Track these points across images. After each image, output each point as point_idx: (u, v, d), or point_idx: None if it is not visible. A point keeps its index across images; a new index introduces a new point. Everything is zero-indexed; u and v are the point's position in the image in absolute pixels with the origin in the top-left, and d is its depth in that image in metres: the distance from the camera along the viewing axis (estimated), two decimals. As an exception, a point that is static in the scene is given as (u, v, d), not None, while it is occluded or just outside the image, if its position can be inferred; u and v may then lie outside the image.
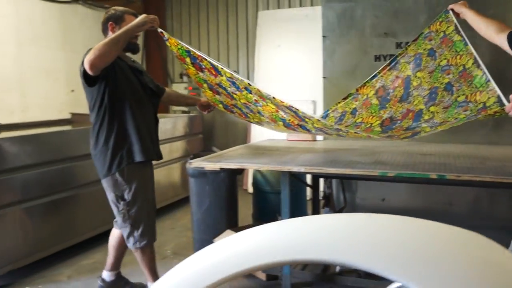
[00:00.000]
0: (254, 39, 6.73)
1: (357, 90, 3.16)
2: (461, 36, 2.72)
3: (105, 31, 2.98)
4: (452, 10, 2.78)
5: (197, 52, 2.74)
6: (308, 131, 2.97)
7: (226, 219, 3.97)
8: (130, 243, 3.07)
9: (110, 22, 2.93)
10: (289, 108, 2.58)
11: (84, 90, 2.92)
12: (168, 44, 2.86)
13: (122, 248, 3.26)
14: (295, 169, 2.65)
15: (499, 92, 2.33)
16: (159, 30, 2.79)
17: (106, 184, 3.01)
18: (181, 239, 4.58)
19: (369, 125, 2.99)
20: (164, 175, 5.42)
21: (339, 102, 3.20)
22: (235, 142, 6.42)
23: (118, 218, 3.06)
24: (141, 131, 2.95)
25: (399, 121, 2.88)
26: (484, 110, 2.38)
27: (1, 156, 3.45)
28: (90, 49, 2.69)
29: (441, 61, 2.82)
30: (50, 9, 5.64)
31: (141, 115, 2.98)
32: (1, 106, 4.82)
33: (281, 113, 2.77)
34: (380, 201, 3.98)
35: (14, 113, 5.05)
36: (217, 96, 3.13)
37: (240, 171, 3.84)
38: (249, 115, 3.18)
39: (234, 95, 2.92)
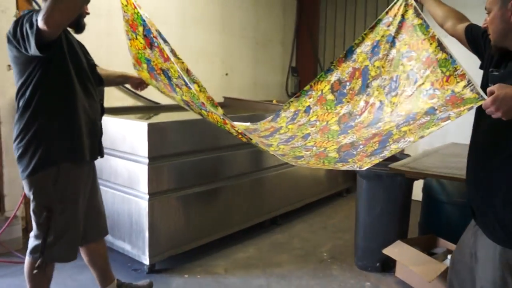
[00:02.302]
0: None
1: (311, 86, 2.86)
2: (422, 19, 2.39)
3: None
4: None
5: (153, 28, 2.25)
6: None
7: (397, 228, 3.53)
8: (35, 254, 2.44)
9: None
10: (242, 134, 2.19)
11: (14, 62, 2.30)
12: (124, 3, 2.34)
13: (103, 258, 2.90)
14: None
15: (469, 76, 1.95)
16: None
17: (27, 186, 2.39)
18: (336, 241, 4.23)
19: (325, 122, 2.65)
20: (310, 170, 5.04)
21: (292, 101, 2.90)
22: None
23: (35, 230, 2.45)
24: (86, 123, 2.43)
25: (358, 117, 2.54)
26: (453, 97, 2.00)
27: (165, 141, 3.36)
28: (30, 11, 2.15)
29: (401, 47, 2.50)
30: (213, -10, 5.58)
31: (87, 103, 2.44)
32: (164, 87, 4.84)
33: (229, 126, 2.36)
34: None
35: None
36: (154, 82, 2.64)
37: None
38: (191, 107, 2.68)
39: (177, 89, 2.43)
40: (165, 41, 2.33)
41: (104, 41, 4.39)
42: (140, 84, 2.94)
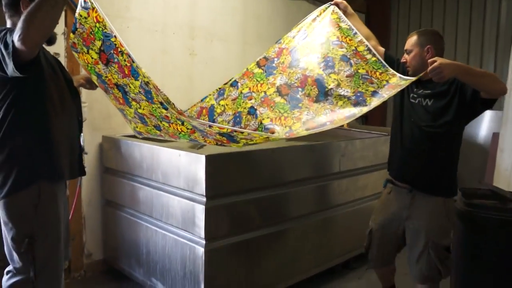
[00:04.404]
0: (507, 41, 5.38)
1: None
2: (348, 25, 2.65)
3: (12, 7, 2.15)
4: (337, 5, 2.80)
5: (123, 43, 2.02)
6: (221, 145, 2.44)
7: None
8: None
9: None
10: (228, 134, 2.20)
11: None
12: (84, 15, 2.00)
13: None
14: None
15: (399, 74, 2.44)
16: None
17: (3, 211, 2.17)
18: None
19: (262, 93, 2.64)
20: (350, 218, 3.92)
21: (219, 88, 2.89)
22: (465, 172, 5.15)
23: (17, 262, 2.20)
24: (64, 141, 2.27)
25: (300, 89, 2.56)
26: (391, 87, 2.37)
27: (225, 176, 2.89)
28: (2, 29, 2.00)
29: (330, 36, 2.66)
30: (277, 5, 5.10)
31: (66, 120, 2.30)
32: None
33: (198, 134, 2.32)
34: None
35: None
36: (106, 94, 2.45)
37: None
38: (132, 123, 2.56)
39: (134, 103, 2.28)
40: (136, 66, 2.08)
41: (159, 58, 4.00)
42: (91, 82, 2.57)
